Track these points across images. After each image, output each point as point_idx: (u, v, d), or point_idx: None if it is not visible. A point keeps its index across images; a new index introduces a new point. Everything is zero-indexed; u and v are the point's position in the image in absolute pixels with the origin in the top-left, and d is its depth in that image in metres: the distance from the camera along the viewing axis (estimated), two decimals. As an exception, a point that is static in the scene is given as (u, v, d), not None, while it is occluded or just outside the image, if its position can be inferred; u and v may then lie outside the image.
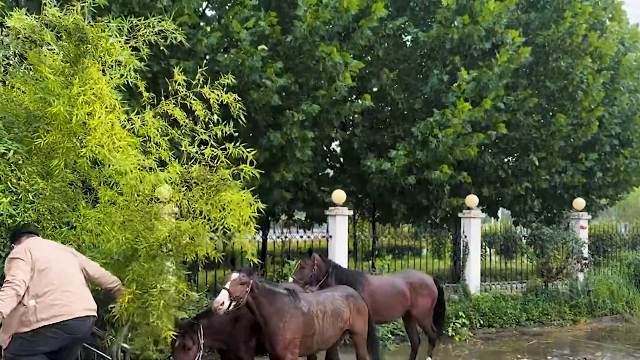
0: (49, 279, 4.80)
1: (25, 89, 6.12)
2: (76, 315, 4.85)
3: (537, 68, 14.58)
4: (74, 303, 4.88)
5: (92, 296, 5.16)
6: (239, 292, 5.81)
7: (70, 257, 5.18)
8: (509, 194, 14.71)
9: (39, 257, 4.82)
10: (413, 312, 8.65)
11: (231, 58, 10.09)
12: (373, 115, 14.71)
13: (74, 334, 4.90)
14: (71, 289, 4.92)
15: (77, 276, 5.09)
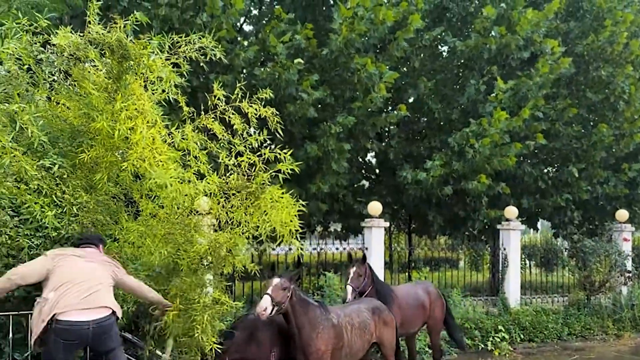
0: (63, 276, 4.84)
1: (70, 104, 6.29)
2: (74, 318, 4.68)
3: (577, 77, 14.32)
4: (80, 303, 4.75)
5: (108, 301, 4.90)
6: (280, 297, 5.83)
7: (100, 265, 5.08)
8: (549, 205, 14.41)
9: (64, 258, 4.95)
10: (429, 323, 8.55)
11: (268, 72, 10.21)
12: (409, 127, 14.65)
13: (74, 339, 4.74)
14: (81, 289, 4.80)
15: (95, 280, 4.91)
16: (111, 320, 4.88)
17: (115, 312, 4.93)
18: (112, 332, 4.90)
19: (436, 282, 13.43)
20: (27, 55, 5.92)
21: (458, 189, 12.51)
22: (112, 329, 4.90)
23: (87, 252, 5.18)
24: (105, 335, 4.82)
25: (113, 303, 4.96)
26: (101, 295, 4.87)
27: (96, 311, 4.80)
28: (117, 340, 5.00)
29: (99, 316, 4.79)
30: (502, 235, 13.25)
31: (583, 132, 14.24)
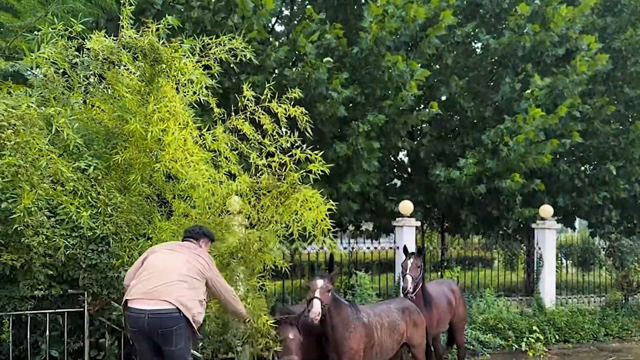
0: (146, 267, 4.89)
1: (104, 107, 6.45)
2: (136, 305, 4.66)
3: (615, 73, 13.96)
4: (144, 292, 4.69)
5: (181, 294, 4.70)
6: (326, 299, 5.84)
7: (187, 259, 4.95)
8: (585, 204, 14.09)
9: (156, 251, 5.05)
10: (454, 321, 8.48)
11: (298, 72, 10.24)
12: (441, 125, 14.51)
13: (134, 327, 4.68)
14: (155, 280, 4.73)
15: (173, 273, 4.78)
16: (171, 315, 4.61)
17: (180, 310, 4.65)
18: (170, 329, 4.63)
19: (469, 282, 13.31)
20: (62, 59, 6.08)
21: (491, 187, 12.33)
22: (170, 324, 4.62)
23: (181, 246, 5.13)
24: (162, 330, 4.61)
25: (181, 300, 4.67)
26: (171, 289, 4.67)
27: (157, 303, 4.62)
28: (178, 340, 4.67)
29: (157, 307, 4.61)
30: (537, 234, 13.03)
31: (621, 129, 13.89)
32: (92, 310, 5.77)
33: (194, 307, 4.74)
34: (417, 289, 7.41)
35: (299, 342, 5.70)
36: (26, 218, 5.00)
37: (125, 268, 5.69)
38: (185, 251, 5.05)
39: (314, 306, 5.67)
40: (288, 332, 5.66)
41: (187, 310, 4.68)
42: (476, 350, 10.62)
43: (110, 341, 5.91)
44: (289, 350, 5.60)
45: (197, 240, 5.27)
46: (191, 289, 4.79)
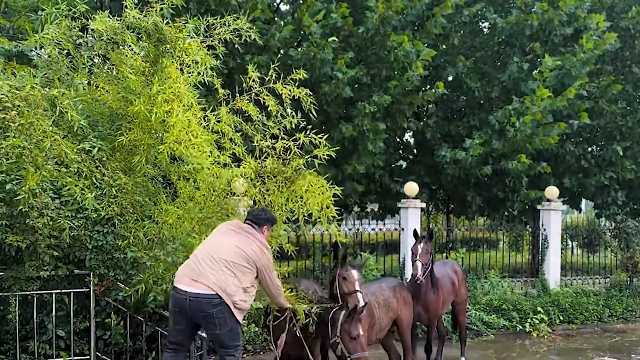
0: (199, 248, 4.89)
1: (108, 88, 6.43)
2: (179, 285, 4.63)
3: (622, 53, 13.80)
4: (189, 272, 4.66)
5: (222, 280, 4.61)
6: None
7: (237, 244, 4.80)
8: (592, 185, 14.01)
9: (215, 231, 5.08)
10: (457, 301, 8.45)
11: (303, 52, 10.16)
12: (448, 105, 14.41)
13: (176, 307, 4.67)
14: (202, 261, 4.68)
15: (222, 256, 4.70)
16: (211, 301, 4.54)
17: (220, 297, 4.56)
18: (210, 313, 4.56)
19: (474, 263, 13.32)
20: (66, 40, 6.06)
21: (497, 169, 12.28)
22: (209, 309, 4.55)
23: (240, 229, 4.99)
24: (203, 314, 4.56)
25: (221, 285, 4.57)
26: (214, 274, 4.60)
27: (199, 286, 4.57)
28: (222, 324, 4.60)
29: (198, 291, 4.56)
30: (542, 215, 13.00)
31: (628, 109, 13.76)
32: (98, 291, 5.81)
33: (235, 293, 4.62)
34: (426, 274, 7.35)
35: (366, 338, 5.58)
36: (31, 199, 5.01)
37: (131, 249, 5.72)
38: (242, 236, 4.90)
39: (359, 300, 5.56)
40: (359, 329, 5.46)
41: (228, 296, 4.57)
42: (480, 331, 10.66)
43: (116, 321, 5.95)
44: (362, 347, 5.47)
45: (260, 227, 5.09)
46: (235, 276, 4.68)
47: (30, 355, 5.69)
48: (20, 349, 5.66)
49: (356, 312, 5.46)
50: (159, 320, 6.23)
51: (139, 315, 6.06)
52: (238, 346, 4.81)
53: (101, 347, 5.97)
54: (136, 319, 6.08)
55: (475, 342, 10.29)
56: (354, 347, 5.41)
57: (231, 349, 4.73)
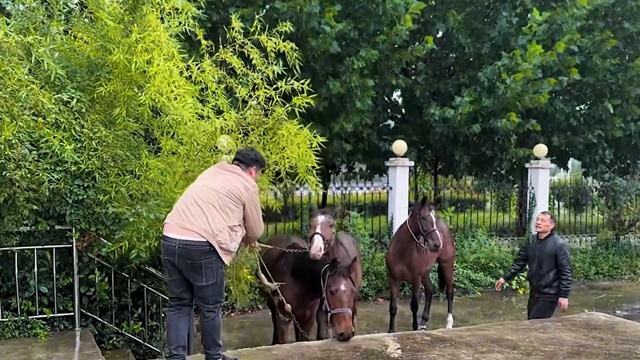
0: (185, 194, 4.70)
1: (86, 37, 6.18)
2: (168, 233, 4.49)
3: (614, 8, 13.61)
4: (177, 220, 4.49)
5: (207, 223, 4.44)
6: (328, 235, 5.59)
7: (223, 182, 4.62)
8: (580, 143, 13.99)
9: (200, 177, 4.88)
10: (443, 258, 8.44)
11: (289, 5, 9.88)
12: (437, 62, 14.23)
13: (166, 255, 4.53)
14: (189, 206, 4.52)
15: (207, 200, 4.52)
16: (201, 248, 4.40)
17: (209, 243, 4.41)
18: (199, 261, 4.42)
19: (462, 223, 13.33)
20: (41, -15, 5.77)
21: (486, 127, 12.18)
22: (198, 257, 4.41)
23: (224, 169, 4.82)
24: (191, 262, 4.42)
25: (207, 229, 4.43)
26: (200, 219, 4.44)
27: (187, 233, 4.42)
28: (208, 275, 4.46)
29: (187, 238, 4.41)
30: (530, 173, 12.99)
31: (619, 67, 13.64)
32: (80, 247, 5.67)
33: (221, 232, 4.46)
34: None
35: (350, 294, 5.29)
36: (7, 151, 4.82)
37: (112, 204, 5.57)
38: (227, 175, 4.73)
39: (314, 242, 5.44)
40: (340, 284, 5.23)
41: (213, 237, 4.42)
42: (467, 289, 10.73)
43: (100, 277, 5.84)
44: (341, 303, 5.18)
45: (247, 166, 4.89)
46: (222, 214, 4.51)
47: (13, 312, 5.57)
48: (3, 306, 5.55)
49: (336, 266, 5.27)
50: (144, 277, 6.15)
51: (124, 272, 5.97)
52: (220, 303, 4.70)
53: (85, 304, 5.87)
54: (121, 275, 5.99)
55: (462, 300, 10.37)
56: (333, 302, 5.19)
57: (212, 304, 4.62)
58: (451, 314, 8.70)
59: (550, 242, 6.64)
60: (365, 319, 8.98)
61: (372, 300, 10.18)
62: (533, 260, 6.75)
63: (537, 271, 6.68)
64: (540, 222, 6.74)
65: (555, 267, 6.55)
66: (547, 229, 6.70)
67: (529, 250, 6.93)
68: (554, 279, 6.58)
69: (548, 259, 6.57)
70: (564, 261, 6.51)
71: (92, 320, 5.90)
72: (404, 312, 8.49)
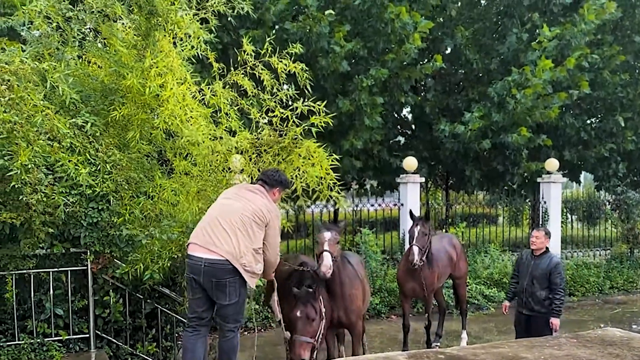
0: (209, 212, 4.78)
1: (100, 62, 6.30)
2: (194, 252, 4.58)
3: (623, 22, 13.62)
4: (202, 240, 4.59)
5: (232, 245, 4.53)
6: (336, 252, 5.55)
7: (247, 203, 4.70)
8: (592, 157, 13.94)
9: (223, 195, 4.93)
10: (456, 275, 8.44)
11: (299, 25, 9.99)
12: (446, 79, 14.27)
13: (191, 273, 4.62)
14: (213, 227, 4.61)
15: (230, 220, 4.60)
16: (224, 267, 4.49)
17: (230, 262, 4.49)
18: (224, 280, 4.50)
19: (474, 238, 13.29)
20: (55, 13, 5.89)
21: (497, 142, 12.18)
22: (223, 276, 4.50)
23: (248, 189, 4.88)
24: (216, 280, 4.50)
25: (232, 250, 4.51)
26: (228, 240, 4.53)
27: (211, 253, 4.53)
28: (231, 294, 4.55)
29: (212, 257, 4.52)
30: (542, 188, 12.95)
31: (629, 80, 13.61)
32: (94, 269, 5.73)
33: (245, 255, 4.53)
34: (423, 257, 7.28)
35: (306, 321, 5.23)
36: (23, 175, 4.90)
37: (126, 226, 5.63)
38: (251, 194, 4.80)
39: (324, 259, 5.37)
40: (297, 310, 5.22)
41: (237, 260, 4.49)
42: (481, 305, 10.66)
43: (115, 299, 5.89)
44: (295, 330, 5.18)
45: (271, 187, 4.96)
46: (247, 236, 4.57)
47: (29, 335, 5.62)
48: (19, 329, 5.60)
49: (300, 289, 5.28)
50: (158, 298, 6.19)
51: (138, 293, 6.02)
52: (239, 322, 4.78)
53: (100, 325, 5.91)
54: (135, 296, 6.03)
55: (476, 316, 10.30)
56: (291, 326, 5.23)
57: (232, 323, 4.68)
58: (465, 331, 8.65)
59: (546, 260, 6.53)
60: (379, 336, 8.96)
61: (385, 317, 10.14)
62: (525, 276, 6.65)
63: (527, 287, 6.58)
64: (535, 240, 6.61)
65: (548, 286, 6.45)
66: (542, 246, 6.61)
67: (521, 265, 6.84)
68: (545, 297, 6.47)
69: (541, 276, 6.47)
70: (557, 280, 6.40)
71: (107, 341, 5.94)
72: (417, 329, 8.45)
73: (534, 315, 6.56)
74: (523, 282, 6.66)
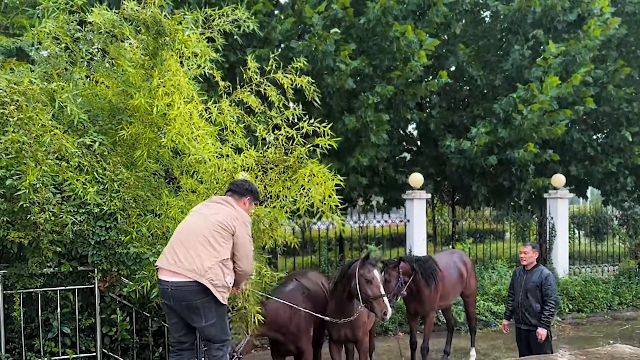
0: (176, 233, 4.66)
1: (108, 82, 6.36)
2: (162, 276, 4.44)
3: (627, 38, 13.65)
4: (165, 263, 4.45)
5: (194, 262, 4.38)
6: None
7: (211, 214, 4.58)
8: (599, 172, 13.88)
9: (190, 213, 4.81)
10: (466, 293, 8.45)
11: (305, 44, 10.07)
12: (451, 95, 14.31)
13: (163, 298, 4.48)
14: (175, 247, 4.47)
15: (195, 237, 4.45)
16: (191, 288, 4.32)
17: (199, 282, 4.30)
18: (194, 302, 4.35)
19: (481, 254, 13.24)
20: (64, 34, 5.99)
21: (503, 158, 12.17)
22: (192, 298, 4.34)
23: (213, 201, 4.78)
24: (186, 303, 4.35)
25: (199, 270, 4.32)
26: (190, 258, 4.36)
27: (176, 275, 4.36)
28: (207, 315, 4.43)
29: (177, 280, 4.34)
30: (549, 204, 12.91)
31: (635, 95, 13.60)
32: (102, 287, 5.75)
33: (210, 268, 4.34)
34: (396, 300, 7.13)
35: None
36: (32, 195, 4.94)
37: (134, 244, 5.65)
38: (216, 205, 4.68)
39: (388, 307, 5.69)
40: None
41: (202, 276, 4.31)
42: (489, 321, 10.60)
43: (122, 317, 5.89)
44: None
45: (241, 196, 4.84)
46: (211, 248, 4.41)
47: (37, 354, 5.62)
48: (26, 347, 5.60)
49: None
50: (165, 315, 6.18)
51: (145, 311, 6.01)
52: (227, 341, 4.68)
53: (107, 344, 5.91)
54: (142, 314, 6.03)
55: (484, 333, 10.24)
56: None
57: (219, 343, 4.59)
58: (474, 348, 8.61)
59: (537, 273, 6.68)
60: (387, 353, 8.90)
61: (392, 335, 10.08)
62: (519, 291, 6.76)
63: (522, 302, 6.69)
64: (524, 255, 6.78)
65: (541, 297, 6.58)
66: (531, 260, 6.75)
67: (515, 282, 6.94)
68: (540, 310, 6.59)
69: (534, 289, 6.60)
70: (548, 291, 6.54)
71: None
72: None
73: (532, 329, 6.65)
74: (518, 298, 6.79)
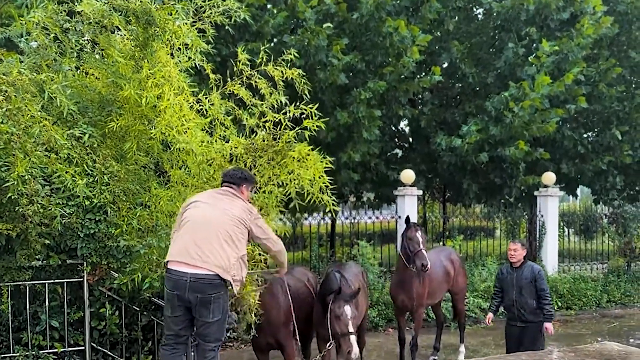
0: (183, 226, 4.61)
1: (98, 73, 6.30)
2: (177, 268, 4.42)
3: (619, 37, 13.71)
4: (186, 256, 4.43)
5: (222, 259, 4.42)
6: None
7: (224, 208, 4.59)
8: (589, 170, 13.95)
9: (192, 205, 4.72)
10: (453, 290, 8.41)
11: (297, 38, 10.03)
12: (443, 92, 14.32)
13: (174, 289, 4.44)
14: (198, 241, 4.46)
15: (215, 230, 4.47)
16: (212, 282, 4.37)
17: (220, 277, 4.37)
18: (209, 296, 4.37)
19: (471, 251, 13.27)
20: (53, 24, 5.91)
21: (494, 155, 12.19)
22: (209, 291, 4.37)
23: (220, 194, 4.77)
24: (201, 295, 4.36)
25: (221, 263, 4.39)
26: (211, 252, 4.40)
27: (200, 269, 4.38)
28: (215, 311, 4.44)
29: (198, 272, 4.36)
30: (539, 201, 12.96)
31: (626, 94, 13.68)
32: (91, 280, 5.69)
33: (234, 265, 4.44)
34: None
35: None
36: (20, 186, 4.88)
37: (124, 237, 5.60)
38: (225, 198, 4.70)
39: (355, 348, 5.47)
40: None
41: (227, 273, 4.39)
42: (478, 318, 10.62)
43: (111, 311, 5.84)
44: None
45: (239, 186, 4.85)
46: (233, 245, 4.48)
47: (24, 347, 5.56)
48: (14, 341, 5.54)
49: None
50: (154, 310, 6.14)
51: (134, 305, 5.96)
52: (220, 341, 4.66)
53: (96, 338, 5.84)
54: (131, 308, 5.97)
55: (474, 329, 10.26)
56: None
57: (213, 342, 4.56)
58: (463, 345, 8.61)
59: (527, 269, 6.70)
60: (377, 349, 8.90)
61: (382, 331, 10.09)
62: (511, 289, 6.74)
63: (517, 299, 6.68)
64: (514, 252, 6.75)
65: (536, 293, 6.59)
66: (520, 257, 6.75)
67: (502, 281, 6.92)
68: (537, 306, 6.61)
69: (528, 285, 6.61)
70: (543, 285, 6.59)
71: (102, 354, 5.86)
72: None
73: (528, 325, 6.67)
74: (511, 295, 6.75)
